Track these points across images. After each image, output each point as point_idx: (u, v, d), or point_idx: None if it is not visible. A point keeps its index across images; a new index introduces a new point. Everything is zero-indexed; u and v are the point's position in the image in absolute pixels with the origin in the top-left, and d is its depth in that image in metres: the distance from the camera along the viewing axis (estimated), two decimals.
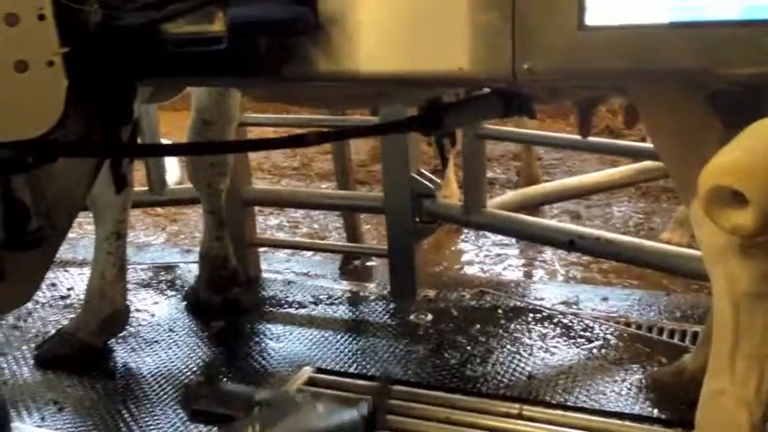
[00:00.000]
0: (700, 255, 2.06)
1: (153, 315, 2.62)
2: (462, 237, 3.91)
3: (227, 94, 2.38)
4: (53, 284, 2.86)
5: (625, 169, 2.77)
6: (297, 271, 3.12)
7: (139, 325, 2.53)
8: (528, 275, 3.41)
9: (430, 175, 2.58)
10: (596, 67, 1.16)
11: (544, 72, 1.18)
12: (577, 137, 1.96)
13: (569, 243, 2.22)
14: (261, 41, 1.24)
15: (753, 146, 0.97)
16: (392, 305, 2.59)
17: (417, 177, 2.53)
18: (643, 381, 2.05)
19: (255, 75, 1.34)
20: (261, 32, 1.23)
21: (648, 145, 2.42)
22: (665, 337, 2.31)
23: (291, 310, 2.64)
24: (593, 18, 1.11)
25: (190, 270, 2.94)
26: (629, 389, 2.03)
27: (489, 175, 3.89)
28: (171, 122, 3.74)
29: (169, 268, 3.05)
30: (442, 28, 1.22)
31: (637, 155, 2.59)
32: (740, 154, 0.96)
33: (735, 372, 1.41)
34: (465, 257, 3.67)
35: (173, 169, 3.16)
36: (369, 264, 3.07)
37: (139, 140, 2.59)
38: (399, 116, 2.01)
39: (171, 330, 2.51)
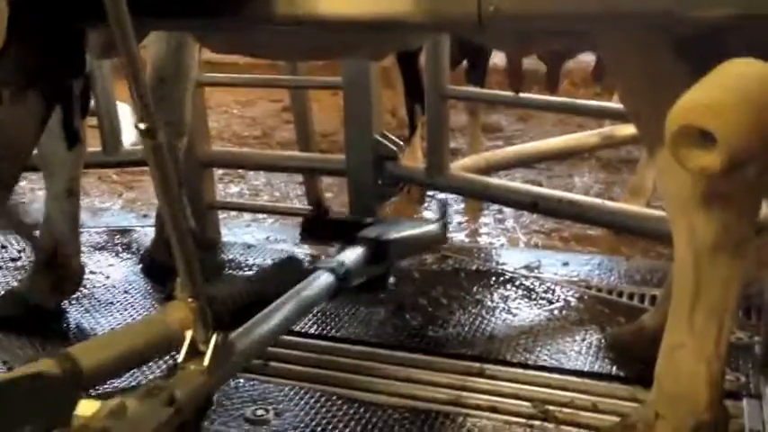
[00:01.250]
0: (659, 215, 2.10)
1: (108, 277, 2.55)
2: (425, 206, 3.90)
3: (184, 51, 2.31)
4: (3, 246, 2.77)
5: (587, 134, 2.77)
6: (257, 236, 3.08)
7: (94, 287, 2.46)
8: (490, 242, 3.43)
9: (393, 138, 2.55)
10: (562, 9, 1.13)
11: (510, 14, 1.15)
12: (541, 96, 1.94)
13: (532, 204, 2.21)
14: None
15: (721, 84, 0.95)
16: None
17: (380, 139, 2.50)
18: (603, 340, 2.06)
19: (217, 15, 1.28)
20: None
21: (611, 105, 2.43)
22: (624, 299, 2.33)
23: (251, 273, 2.59)
24: None
25: (146, 234, 2.87)
26: (589, 348, 2.03)
27: (453, 145, 3.89)
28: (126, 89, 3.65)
29: (125, 232, 2.98)
30: None
31: (601, 115, 2.58)
32: (708, 93, 0.95)
33: (694, 325, 1.42)
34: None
35: (129, 128, 3.07)
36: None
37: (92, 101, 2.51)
38: None
39: (126, 292, 2.44)
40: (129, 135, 2.83)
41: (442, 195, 3.95)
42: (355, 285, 2.05)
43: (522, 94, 2.07)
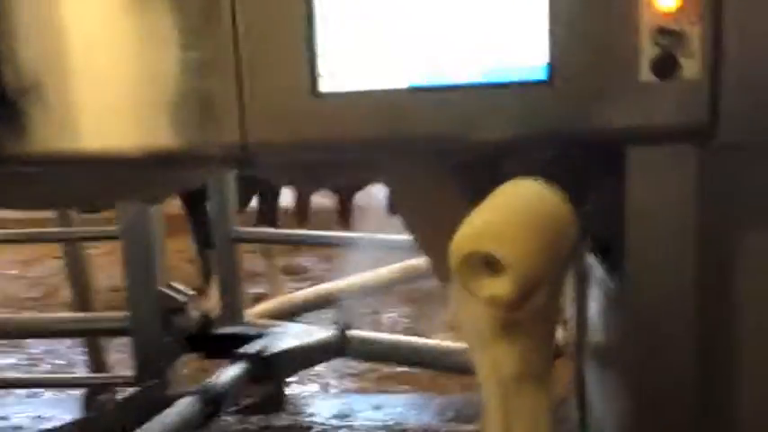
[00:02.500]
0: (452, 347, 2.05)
1: None
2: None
3: None
4: None
5: (389, 269, 2.73)
6: (31, 414, 2.66)
7: None
8: (299, 392, 3.23)
9: (181, 288, 2.34)
10: (334, 136, 1.06)
11: (277, 143, 1.06)
12: (340, 233, 1.87)
13: (338, 350, 2.08)
14: None
15: (500, 207, 0.90)
16: None
17: (166, 291, 2.28)
18: None
19: None
20: None
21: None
22: None
23: None
24: (327, 84, 1.02)
25: None
26: None
27: (257, 290, 3.72)
28: None
29: None
30: (163, 101, 1.06)
31: (403, 248, 2.54)
32: (490, 216, 0.89)
33: None
34: None
35: None
36: (119, 397, 2.69)
37: None
38: None
39: None
40: None
41: None
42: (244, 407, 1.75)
43: (317, 232, 1.99)
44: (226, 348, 1.93)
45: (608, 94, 1.00)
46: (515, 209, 0.89)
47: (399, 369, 3.39)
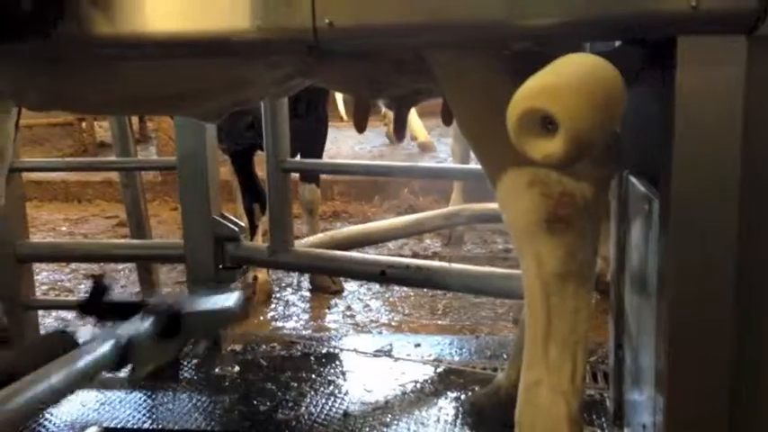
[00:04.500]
0: (507, 273, 2.11)
1: None
2: (271, 307, 3.77)
3: None
4: None
5: (433, 214, 2.79)
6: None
7: None
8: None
9: (234, 219, 2.43)
10: (398, 21, 1.13)
11: (345, 28, 1.13)
12: (390, 163, 1.93)
13: (381, 273, 2.15)
14: None
15: (559, 72, 0.96)
16: (194, 359, 2.35)
17: (220, 220, 2.38)
18: (460, 407, 1.98)
19: (21, 35, 1.16)
20: None
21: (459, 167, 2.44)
22: (478, 370, 2.29)
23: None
24: None
25: None
26: (447, 416, 1.95)
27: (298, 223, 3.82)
28: None
29: None
30: None
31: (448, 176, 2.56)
32: (549, 78, 0.95)
33: (549, 359, 1.37)
34: (276, 324, 3.52)
35: None
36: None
37: None
38: None
39: None
40: None
41: (293, 299, 3.86)
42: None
43: (360, 161, 2.05)
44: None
45: None
46: (571, 73, 0.95)
47: (436, 322, 3.50)
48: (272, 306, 3.79)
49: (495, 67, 1.22)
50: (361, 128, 1.53)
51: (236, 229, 2.37)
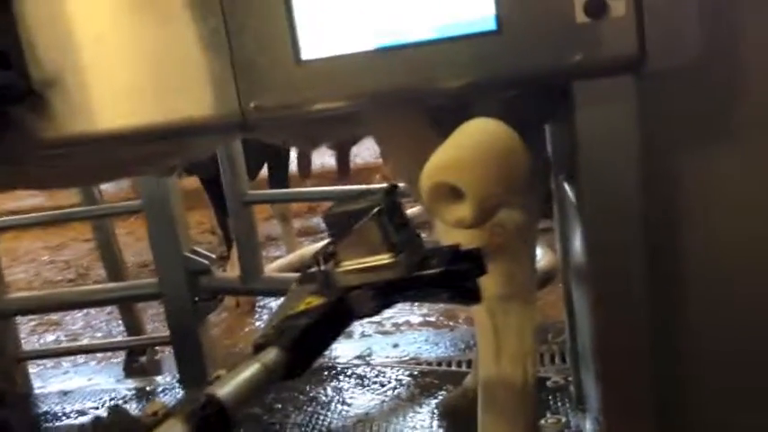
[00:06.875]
0: None
1: None
2: (256, 317, 3.86)
3: None
4: None
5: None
6: (78, 382, 2.87)
7: None
8: None
9: (204, 252, 2.52)
10: (319, 98, 1.22)
11: (271, 109, 1.22)
12: (338, 187, 2.02)
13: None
14: None
15: (461, 143, 1.06)
16: (182, 392, 2.46)
17: (190, 255, 2.47)
18: (435, 410, 2.10)
19: None
20: None
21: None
22: (453, 368, 2.41)
23: (70, 421, 2.41)
24: (308, 52, 1.17)
25: None
26: (424, 420, 2.07)
27: (276, 253, 3.90)
28: None
29: None
30: (163, 77, 1.22)
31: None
32: (451, 152, 1.05)
33: (501, 374, 1.49)
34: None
35: None
36: (157, 358, 2.90)
37: None
38: None
39: None
40: None
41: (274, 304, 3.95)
42: None
43: (322, 188, 2.14)
44: None
45: (550, 37, 1.14)
46: (471, 145, 1.05)
47: (413, 318, 3.62)
48: (257, 315, 3.89)
49: (418, 121, 1.31)
50: (305, 175, 1.63)
51: (207, 262, 2.47)
